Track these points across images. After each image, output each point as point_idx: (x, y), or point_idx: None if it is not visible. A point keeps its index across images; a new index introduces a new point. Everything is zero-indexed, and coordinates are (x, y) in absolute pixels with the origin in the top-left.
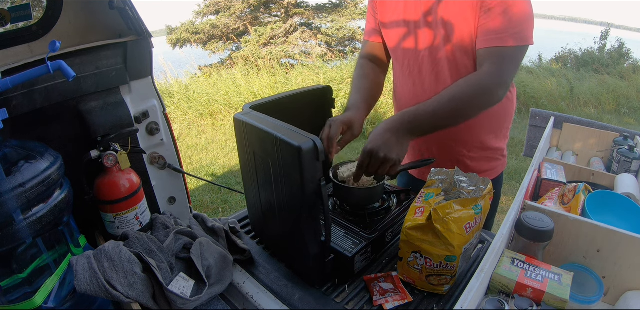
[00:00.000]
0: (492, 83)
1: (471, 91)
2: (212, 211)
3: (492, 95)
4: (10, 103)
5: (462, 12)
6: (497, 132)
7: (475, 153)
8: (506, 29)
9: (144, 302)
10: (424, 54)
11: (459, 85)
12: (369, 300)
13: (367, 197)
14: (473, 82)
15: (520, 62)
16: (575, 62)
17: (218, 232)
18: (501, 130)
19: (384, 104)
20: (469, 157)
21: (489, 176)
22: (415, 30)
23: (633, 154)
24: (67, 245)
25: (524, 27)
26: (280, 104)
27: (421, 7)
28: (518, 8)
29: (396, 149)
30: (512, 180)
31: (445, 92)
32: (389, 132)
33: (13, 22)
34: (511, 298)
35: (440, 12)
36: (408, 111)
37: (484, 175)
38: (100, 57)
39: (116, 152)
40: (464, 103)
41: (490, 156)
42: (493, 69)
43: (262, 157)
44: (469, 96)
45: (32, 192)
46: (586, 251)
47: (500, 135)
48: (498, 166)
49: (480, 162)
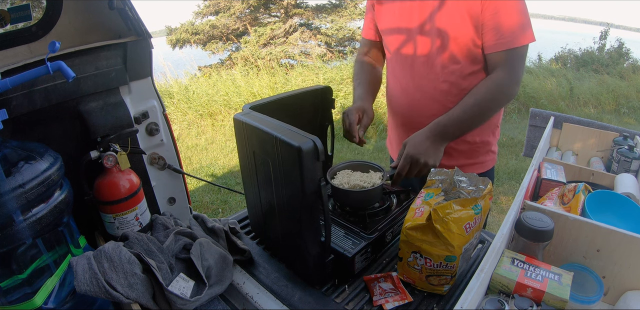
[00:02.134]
0: (509, 84)
1: (491, 95)
2: (212, 211)
3: (510, 94)
4: (10, 104)
5: (460, 20)
6: (484, 127)
7: (461, 146)
8: (514, 30)
9: (144, 303)
10: (421, 59)
11: (479, 91)
12: (369, 301)
13: (367, 199)
14: (492, 87)
15: (526, 57)
16: (574, 62)
17: (218, 232)
18: (489, 126)
19: (384, 104)
20: (455, 150)
21: (476, 170)
22: (413, 36)
23: (633, 154)
24: (67, 246)
25: (527, 25)
26: (280, 104)
27: (419, 14)
28: (517, 8)
29: (433, 155)
30: (512, 180)
31: (468, 99)
32: (428, 140)
33: (13, 23)
34: (511, 298)
35: (437, 20)
36: (439, 120)
37: (471, 168)
38: (99, 57)
39: (116, 152)
40: (487, 107)
41: (476, 149)
42: (507, 71)
43: (262, 158)
44: (490, 100)
45: (32, 193)
46: (586, 251)
47: (487, 130)
48: (487, 161)
49: (467, 154)
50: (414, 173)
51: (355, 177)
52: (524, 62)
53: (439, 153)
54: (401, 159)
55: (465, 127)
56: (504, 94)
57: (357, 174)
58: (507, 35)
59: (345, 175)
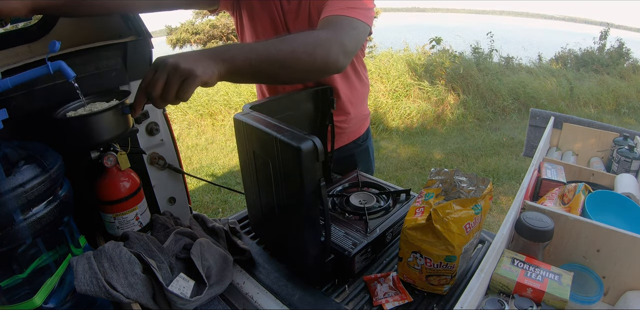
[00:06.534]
0: (328, 38)
1: (304, 38)
2: (212, 211)
3: (329, 48)
4: (10, 103)
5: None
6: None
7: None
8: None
9: (144, 303)
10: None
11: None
12: (369, 300)
13: (92, 128)
14: (310, 33)
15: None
16: (575, 62)
17: (218, 232)
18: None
19: (384, 104)
20: None
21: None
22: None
23: (633, 154)
24: (68, 246)
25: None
26: (280, 104)
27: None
28: None
29: (193, 62)
30: (512, 180)
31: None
32: (194, 52)
33: (13, 23)
34: (511, 298)
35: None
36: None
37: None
38: (100, 57)
39: (116, 152)
40: (292, 47)
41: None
42: (332, 30)
43: (261, 158)
44: (302, 43)
45: (32, 192)
46: (586, 251)
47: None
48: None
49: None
50: (164, 81)
51: (94, 107)
52: (356, 33)
53: (203, 63)
54: None
55: (253, 55)
56: (321, 46)
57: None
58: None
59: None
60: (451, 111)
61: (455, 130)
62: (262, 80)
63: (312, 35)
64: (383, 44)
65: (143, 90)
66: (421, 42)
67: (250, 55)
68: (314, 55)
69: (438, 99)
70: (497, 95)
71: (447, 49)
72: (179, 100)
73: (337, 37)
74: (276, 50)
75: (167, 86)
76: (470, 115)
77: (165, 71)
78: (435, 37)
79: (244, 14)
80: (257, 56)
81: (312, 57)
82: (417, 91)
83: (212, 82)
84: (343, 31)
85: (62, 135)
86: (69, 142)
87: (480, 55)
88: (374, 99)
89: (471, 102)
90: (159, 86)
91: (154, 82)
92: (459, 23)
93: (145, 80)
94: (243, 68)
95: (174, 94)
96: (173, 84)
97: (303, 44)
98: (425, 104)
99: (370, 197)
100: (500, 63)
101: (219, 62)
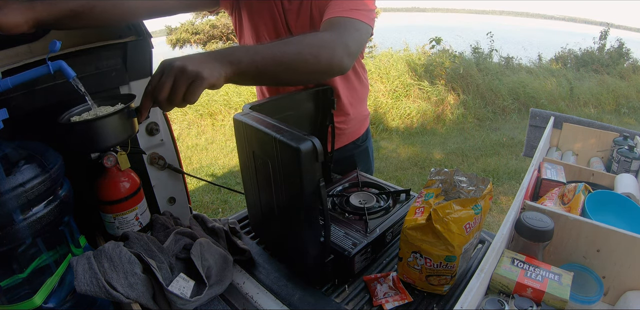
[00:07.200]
0: (332, 40)
1: (310, 40)
2: (212, 211)
3: (333, 50)
4: (10, 103)
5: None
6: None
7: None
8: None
9: (144, 303)
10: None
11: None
12: (369, 300)
13: (97, 133)
14: (314, 35)
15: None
16: (574, 62)
17: (218, 232)
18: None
19: (384, 104)
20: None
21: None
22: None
23: (633, 154)
24: (68, 246)
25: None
26: (280, 104)
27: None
28: None
29: (199, 64)
30: (512, 180)
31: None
32: (201, 54)
33: None
34: (511, 298)
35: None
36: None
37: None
38: (100, 57)
39: (116, 152)
40: (298, 49)
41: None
42: (335, 32)
43: (261, 158)
44: (308, 45)
45: (32, 192)
46: (586, 251)
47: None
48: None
49: None
50: (170, 84)
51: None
52: (359, 35)
53: (210, 65)
54: None
55: (258, 58)
56: (325, 48)
57: (105, 108)
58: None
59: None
60: (451, 111)
61: (455, 130)
62: (267, 82)
63: (316, 37)
64: (383, 44)
65: (149, 93)
66: (421, 42)
67: (256, 57)
68: (318, 57)
69: (438, 99)
70: (497, 95)
71: (447, 49)
72: (186, 103)
73: (341, 38)
74: (281, 52)
75: (174, 89)
76: (470, 115)
77: (172, 74)
78: (435, 37)
79: (244, 13)
80: (262, 58)
81: (317, 59)
82: (417, 91)
83: (219, 85)
84: (347, 33)
85: (67, 140)
86: (73, 147)
87: (480, 55)
88: (374, 99)
89: (471, 102)
90: (166, 89)
91: (161, 85)
92: (459, 23)
93: (152, 84)
94: (249, 70)
95: (181, 97)
96: (180, 87)
97: (308, 46)
98: (425, 104)
99: (370, 197)
100: (500, 63)
101: (226, 64)
